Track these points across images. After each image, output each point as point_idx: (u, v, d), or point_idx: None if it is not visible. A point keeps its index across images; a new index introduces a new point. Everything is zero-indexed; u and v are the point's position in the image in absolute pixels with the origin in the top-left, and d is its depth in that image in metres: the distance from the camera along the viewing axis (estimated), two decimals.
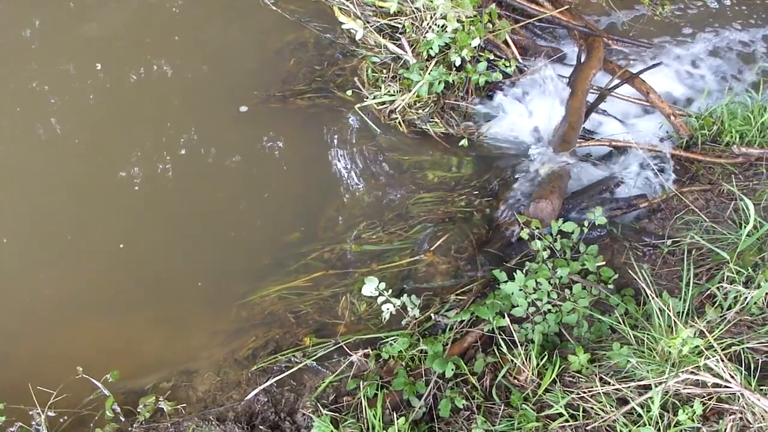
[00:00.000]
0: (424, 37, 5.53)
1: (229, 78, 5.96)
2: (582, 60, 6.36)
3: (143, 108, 5.73)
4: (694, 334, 3.40)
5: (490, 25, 5.90)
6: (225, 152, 5.49)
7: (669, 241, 4.65)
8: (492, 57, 5.89)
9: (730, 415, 3.29)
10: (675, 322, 3.48)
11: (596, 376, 3.63)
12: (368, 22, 5.87)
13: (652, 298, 3.59)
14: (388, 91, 5.56)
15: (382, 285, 4.22)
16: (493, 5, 6.02)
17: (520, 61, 6.14)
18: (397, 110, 5.56)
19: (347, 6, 6.01)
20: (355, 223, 5.12)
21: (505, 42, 6.16)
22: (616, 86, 6.22)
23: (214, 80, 5.94)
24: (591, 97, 6.15)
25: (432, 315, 4.37)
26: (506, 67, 5.85)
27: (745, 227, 3.99)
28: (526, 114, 5.78)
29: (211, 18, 6.38)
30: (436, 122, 5.63)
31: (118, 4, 6.39)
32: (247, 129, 5.61)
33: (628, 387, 3.46)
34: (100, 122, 5.61)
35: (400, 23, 5.82)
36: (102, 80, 5.84)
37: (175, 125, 5.59)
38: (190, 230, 5.13)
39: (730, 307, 3.81)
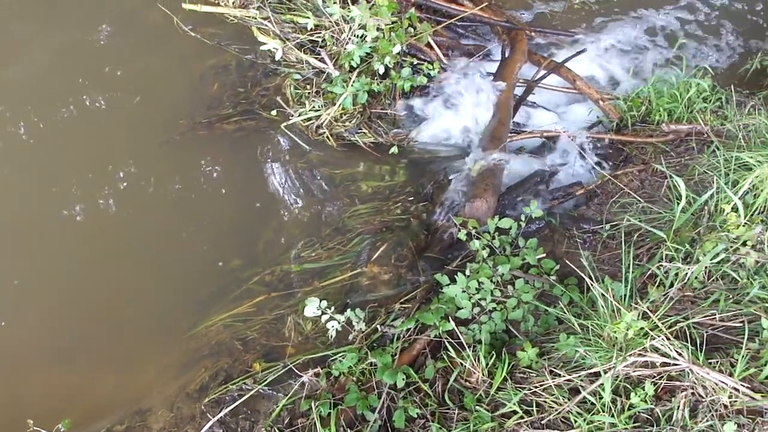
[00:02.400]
0: (345, 48, 5.50)
1: (155, 108, 5.87)
2: (507, 54, 6.38)
3: (75, 147, 5.64)
4: (638, 316, 3.40)
5: (412, 30, 5.88)
6: (157, 186, 5.41)
7: (608, 226, 4.66)
8: (416, 61, 5.89)
9: (681, 392, 3.30)
10: (617, 307, 3.47)
11: (546, 369, 3.62)
12: (288, 39, 5.82)
13: (593, 285, 3.58)
14: (313, 107, 5.52)
15: (324, 303, 4.17)
16: (413, 9, 6.01)
17: (445, 62, 6.15)
18: (323, 125, 5.52)
19: (266, 25, 5.95)
20: (294, 242, 5.08)
21: (428, 45, 6.16)
22: (543, 77, 6.26)
23: (139, 112, 5.85)
24: (519, 91, 6.18)
25: (378, 327, 4.33)
26: (430, 69, 5.84)
27: (678, 204, 4.02)
28: (455, 114, 5.77)
29: (133, 50, 6.29)
30: (364, 133, 5.60)
31: (39, 46, 6.29)
32: (176, 160, 5.53)
33: (579, 376, 3.46)
34: (35, 163, 5.52)
35: (320, 37, 5.78)
36: (34, 121, 5.74)
37: (103, 163, 5.50)
38: (128, 267, 5.04)
39: (671, 285, 3.82)
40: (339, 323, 4.22)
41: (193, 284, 4.96)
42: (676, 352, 3.29)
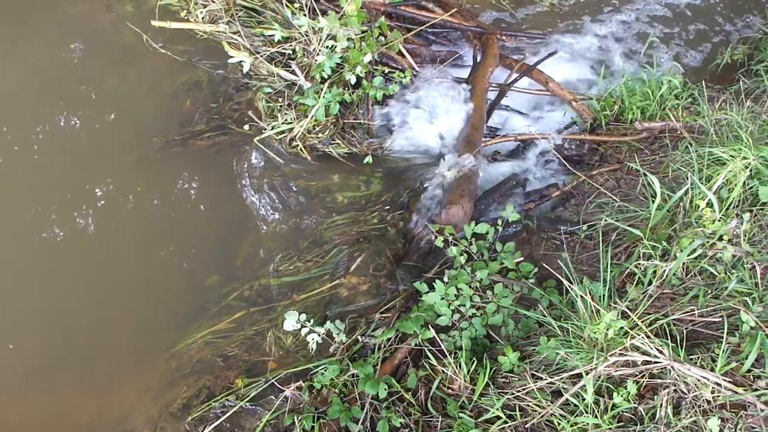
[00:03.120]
0: (315, 60, 5.48)
1: (130, 127, 5.85)
2: (478, 59, 6.38)
3: (52, 167, 5.61)
4: (617, 315, 3.40)
5: (382, 38, 5.88)
6: (133, 204, 5.38)
7: (585, 226, 4.66)
8: (387, 69, 5.87)
9: (664, 389, 3.31)
10: (596, 307, 3.47)
11: (528, 372, 3.61)
12: (258, 53, 5.79)
13: (570, 286, 3.58)
14: (286, 120, 5.49)
15: (303, 316, 4.15)
16: (383, 18, 6.01)
17: (417, 69, 6.14)
18: (297, 137, 5.49)
19: (236, 39, 5.93)
20: (272, 256, 5.06)
21: (400, 53, 6.15)
22: (515, 81, 6.26)
23: (114, 131, 5.83)
24: (493, 95, 6.18)
25: (359, 337, 4.31)
26: (402, 77, 5.82)
27: (653, 202, 4.02)
28: (429, 121, 5.76)
29: (105, 68, 6.27)
30: (338, 143, 5.58)
31: (12, 65, 6.27)
32: (152, 178, 5.51)
33: (561, 379, 3.45)
34: (11, 185, 5.49)
35: (291, 49, 5.76)
36: (9, 142, 5.72)
37: (80, 183, 5.47)
38: (107, 288, 5.02)
39: (650, 283, 3.82)
40: (319, 336, 4.21)
41: (172, 302, 4.94)
42: (657, 349, 3.29)
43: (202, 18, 6.13)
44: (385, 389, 3.85)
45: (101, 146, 5.72)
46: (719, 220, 3.88)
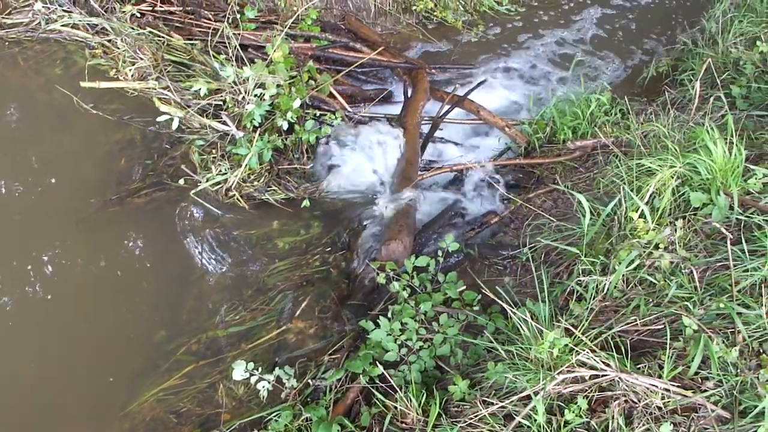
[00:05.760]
0: (246, 109, 5.49)
1: (67, 190, 5.78)
2: (409, 94, 6.44)
3: None
4: (561, 333, 3.42)
5: (313, 82, 5.91)
6: (77, 268, 5.30)
7: (525, 249, 4.69)
8: (319, 112, 5.90)
9: (614, 401, 3.33)
10: (539, 327, 3.49)
11: (478, 399, 3.61)
12: (189, 106, 5.80)
13: (511, 310, 3.59)
14: (220, 171, 5.47)
15: (251, 365, 4.11)
16: (311, 62, 6.05)
17: (349, 110, 6.18)
18: (232, 187, 5.46)
19: (166, 94, 5.93)
20: (217, 307, 5.01)
21: (331, 95, 6.19)
22: (447, 112, 6.32)
23: (52, 196, 5.75)
24: (427, 128, 6.23)
25: (309, 381, 4.29)
26: (333, 119, 5.86)
27: (584, 219, 4.07)
28: (364, 160, 5.80)
29: (39, 132, 6.21)
30: (274, 190, 5.57)
31: None
32: (92, 240, 5.43)
33: (511, 402, 3.45)
34: None
35: (221, 99, 5.77)
36: None
37: (22, 252, 5.38)
38: (56, 352, 4.91)
39: (592, 298, 3.85)
40: (269, 383, 4.17)
41: (122, 361, 4.84)
42: (604, 363, 3.31)
43: (132, 75, 6.13)
44: (338, 430, 3.83)
45: (42, 211, 5.64)
46: (653, 230, 3.93)
